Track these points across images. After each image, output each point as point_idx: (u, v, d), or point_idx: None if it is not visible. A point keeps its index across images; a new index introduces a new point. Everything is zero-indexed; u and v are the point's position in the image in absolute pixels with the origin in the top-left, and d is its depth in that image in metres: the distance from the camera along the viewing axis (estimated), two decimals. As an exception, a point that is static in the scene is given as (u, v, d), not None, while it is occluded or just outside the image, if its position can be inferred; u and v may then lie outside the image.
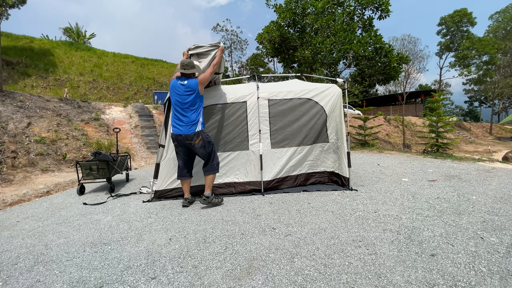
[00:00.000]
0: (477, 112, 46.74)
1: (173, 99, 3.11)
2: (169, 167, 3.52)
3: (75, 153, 6.55)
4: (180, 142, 3.11)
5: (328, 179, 3.98)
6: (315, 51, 10.29)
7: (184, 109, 3.06)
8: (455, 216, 2.55)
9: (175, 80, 3.13)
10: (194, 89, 3.06)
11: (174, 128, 3.10)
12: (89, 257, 2.01)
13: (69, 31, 26.21)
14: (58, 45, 20.42)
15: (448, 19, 29.86)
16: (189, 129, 3.04)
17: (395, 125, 18.35)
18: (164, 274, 1.75)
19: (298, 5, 11.25)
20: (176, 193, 3.51)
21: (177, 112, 3.09)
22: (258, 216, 2.77)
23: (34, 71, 15.10)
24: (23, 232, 2.59)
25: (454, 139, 9.70)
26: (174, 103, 3.10)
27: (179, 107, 3.07)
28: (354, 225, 2.42)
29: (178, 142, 3.12)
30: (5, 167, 4.95)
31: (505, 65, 28.34)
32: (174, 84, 3.12)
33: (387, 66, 10.94)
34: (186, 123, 3.05)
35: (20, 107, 6.98)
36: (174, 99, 3.10)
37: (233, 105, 3.69)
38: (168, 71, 24.27)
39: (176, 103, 3.09)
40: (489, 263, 1.72)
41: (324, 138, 3.91)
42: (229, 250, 2.05)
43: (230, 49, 22.90)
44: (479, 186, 3.62)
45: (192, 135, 3.05)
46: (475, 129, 26.39)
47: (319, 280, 1.62)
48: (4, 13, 8.52)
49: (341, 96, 3.95)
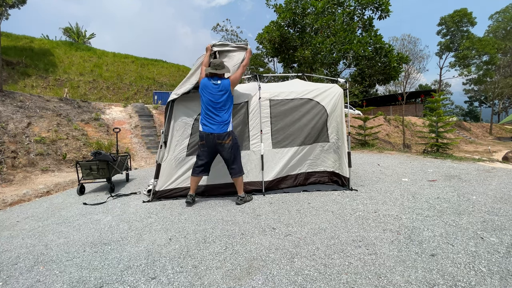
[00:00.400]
0: (477, 112, 46.75)
1: (205, 98, 3.11)
2: (170, 168, 3.52)
3: (75, 153, 6.55)
4: (210, 141, 3.11)
5: (328, 179, 3.97)
6: (315, 51, 10.29)
7: (217, 109, 3.11)
8: (455, 216, 2.55)
9: (207, 79, 3.15)
10: (227, 89, 3.14)
11: (205, 126, 3.11)
12: (89, 257, 2.01)
13: (69, 31, 26.21)
14: (58, 45, 20.42)
15: (448, 19, 29.86)
16: (221, 129, 3.09)
17: (395, 125, 18.36)
18: (164, 274, 1.75)
19: (298, 5, 11.25)
20: (177, 193, 3.51)
21: (209, 111, 3.10)
22: (258, 216, 2.77)
23: (34, 71, 15.10)
24: (23, 232, 2.60)
25: (454, 139, 9.70)
26: (206, 102, 3.11)
27: (212, 106, 3.10)
28: (354, 225, 2.42)
29: (207, 140, 3.12)
30: (5, 167, 4.95)
31: (505, 65, 28.34)
32: (206, 84, 3.12)
33: (387, 66, 10.93)
34: (219, 122, 3.10)
35: (20, 107, 6.98)
36: (207, 99, 3.11)
37: (234, 106, 3.69)
38: (168, 71, 24.27)
39: (208, 102, 3.10)
40: (489, 263, 1.72)
41: (325, 138, 3.90)
42: (229, 250, 2.05)
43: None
44: (479, 186, 3.62)
45: (224, 134, 3.10)
46: (475, 129, 26.39)
47: (319, 280, 1.63)
48: (4, 13, 8.51)
49: (342, 96, 3.95)
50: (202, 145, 3.17)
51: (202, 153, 3.20)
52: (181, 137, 3.57)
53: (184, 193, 3.51)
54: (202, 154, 3.20)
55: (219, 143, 3.11)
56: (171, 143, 3.55)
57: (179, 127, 3.58)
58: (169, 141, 3.55)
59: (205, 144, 3.14)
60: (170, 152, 3.53)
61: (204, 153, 3.19)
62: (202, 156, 3.20)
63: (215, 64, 3.16)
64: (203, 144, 3.16)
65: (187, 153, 3.55)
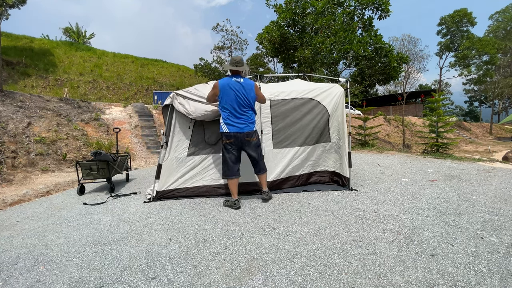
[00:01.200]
0: (477, 112, 46.75)
1: (230, 97, 3.05)
2: (171, 168, 3.52)
3: (75, 153, 6.55)
4: (239, 140, 3.09)
5: (329, 178, 3.97)
6: (315, 51, 10.29)
7: (244, 106, 3.10)
8: (455, 216, 2.55)
9: (228, 78, 3.10)
10: (253, 88, 3.15)
11: (233, 127, 3.06)
12: (89, 257, 2.01)
13: (69, 31, 26.23)
14: (58, 45, 20.43)
15: (448, 19, 29.86)
16: (249, 127, 3.11)
17: (395, 125, 18.36)
18: (164, 274, 1.75)
19: (298, 5, 11.24)
20: (178, 194, 3.51)
21: (235, 110, 3.07)
22: (258, 216, 2.77)
23: (34, 71, 15.11)
24: (23, 232, 2.60)
25: (454, 139, 9.70)
26: (232, 101, 3.05)
27: (238, 105, 3.07)
28: (354, 225, 2.42)
29: (236, 140, 3.09)
30: (5, 167, 4.95)
31: (505, 65, 28.34)
32: (229, 82, 3.06)
33: (387, 66, 10.93)
34: (246, 121, 3.10)
35: (20, 107, 6.98)
36: (232, 98, 3.05)
37: None
38: (168, 71, 24.29)
39: (234, 101, 3.05)
40: (489, 263, 1.72)
41: (326, 138, 3.90)
42: (229, 250, 2.05)
43: (230, 49, 22.91)
44: (479, 186, 3.62)
45: (252, 132, 3.13)
46: (475, 129, 26.40)
47: (319, 280, 1.63)
48: (4, 13, 8.51)
49: (343, 96, 3.95)
50: (230, 143, 3.11)
51: (231, 152, 3.14)
52: (182, 137, 3.57)
53: (186, 193, 3.51)
54: (231, 153, 3.14)
55: (248, 140, 3.12)
56: (172, 144, 3.54)
57: (180, 127, 3.58)
58: (170, 141, 3.55)
59: (233, 142, 3.10)
60: (171, 152, 3.53)
61: (234, 152, 3.15)
62: (231, 156, 3.14)
63: (236, 60, 3.10)
64: (231, 143, 3.11)
65: (188, 153, 3.55)
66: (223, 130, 3.10)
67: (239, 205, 3.09)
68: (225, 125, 3.09)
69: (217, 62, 21.90)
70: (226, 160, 3.15)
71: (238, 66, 3.10)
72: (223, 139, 3.14)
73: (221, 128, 3.12)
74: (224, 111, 3.10)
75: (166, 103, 3.60)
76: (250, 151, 3.18)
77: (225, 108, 3.09)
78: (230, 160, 3.13)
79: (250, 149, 3.17)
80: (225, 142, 3.12)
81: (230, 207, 3.08)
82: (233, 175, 3.14)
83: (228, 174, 3.14)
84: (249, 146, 3.16)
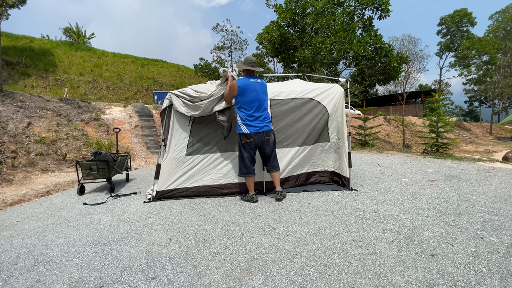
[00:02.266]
0: (477, 112, 46.74)
1: (249, 98, 3.09)
2: (170, 168, 3.51)
3: (75, 153, 6.55)
4: (258, 139, 3.14)
5: (329, 178, 3.97)
6: (315, 51, 10.29)
7: (263, 106, 3.18)
8: (455, 216, 2.55)
9: (246, 79, 3.14)
10: (266, 89, 3.25)
11: (252, 127, 3.11)
12: (89, 257, 2.01)
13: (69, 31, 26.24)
14: (58, 45, 20.43)
15: (448, 19, 29.84)
16: (268, 126, 3.20)
17: (395, 125, 18.35)
18: (164, 274, 1.75)
19: (298, 5, 11.25)
20: (178, 194, 3.51)
21: (254, 110, 3.12)
22: (258, 216, 2.77)
23: (34, 71, 15.11)
24: (23, 232, 2.60)
25: (454, 139, 9.70)
26: (252, 102, 3.10)
27: (257, 105, 3.13)
28: (354, 225, 2.42)
29: (255, 139, 3.14)
30: (5, 167, 4.95)
31: (505, 65, 28.32)
32: (248, 83, 3.10)
33: (387, 66, 10.93)
34: (264, 120, 3.17)
35: (20, 107, 6.98)
36: (251, 98, 3.09)
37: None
38: (168, 71, 24.28)
39: (254, 101, 3.10)
40: (489, 263, 1.72)
41: (325, 138, 3.90)
42: (229, 250, 2.05)
43: (230, 49, 22.91)
44: (479, 186, 3.62)
45: (270, 131, 3.20)
46: (475, 129, 26.39)
47: (319, 280, 1.63)
48: (4, 13, 8.51)
49: (343, 96, 3.95)
50: (249, 143, 3.15)
51: (249, 151, 3.20)
52: (180, 137, 3.57)
53: (185, 193, 3.51)
54: (249, 153, 3.21)
55: (267, 139, 3.18)
56: (171, 143, 3.54)
57: (178, 127, 3.58)
58: (169, 141, 3.55)
59: (252, 142, 3.15)
60: (170, 152, 3.53)
61: (251, 152, 3.22)
62: (248, 155, 3.21)
63: (252, 61, 3.16)
64: (250, 142, 3.15)
65: (186, 152, 3.55)
66: (242, 131, 3.14)
67: (257, 199, 3.26)
68: (245, 126, 3.13)
69: (217, 62, 21.90)
70: (244, 159, 3.22)
71: (254, 66, 3.15)
72: (242, 139, 3.18)
73: (240, 129, 3.16)
74: (242, 111, 3.14)
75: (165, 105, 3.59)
76: (267, 149, 3.25)
77: (244, 108, 3.12)
78: (248, 160, 3.22)
79: (267, 147, 3.24)
80: (244, 142, 3.17)
81: (249, 201, 3.24)
82: (251, 173, 3.26)
83: (246, 172, 3.25)
84: (267, 145, 3.22)
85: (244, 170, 3.25)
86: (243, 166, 3.25)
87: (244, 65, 3.17)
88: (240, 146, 3.25)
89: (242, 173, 3.28)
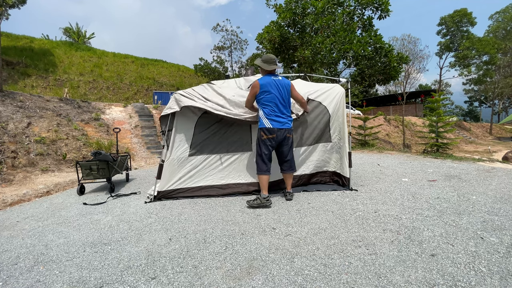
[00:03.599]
0: (477, 112, 46.76)
1: (272, 95, 3.11)
2: (172, 168, 3.51)
3: (75, 153, 6.55)
4: (280, 135, 3.15)
5: (329, 178, 3.97)
6: (315, 51, 10.29)
7: (285, 104, 3.19)
8: (455, 216, 2.55)
9: (268, 77, 3.16)
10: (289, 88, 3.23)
11: (276, 122, 3.12)
12: (89, 257, 2.01)
13: (69, 31, 26.24)
14: (58, 45, 20.43)
15: (448, 19, 29.85)
16: (289, 124, 3.21)
17: (395, 125, 18.36)
18: (164, 274, 1.75)
19: (298, 5, 11.25)
20: (179, 195, 3.51)
21: (277, 107, 3.14)
22: (258, 216, 2.77)
23: (34, 71, 15.11)
24: (23, 232, 2.60)
25: (454, 139, 9.70)
26: (275, 98, 3.12)
27: (280, 102, 3.15)
28: (354, 225, 2.42)
29: (278, 136, 3.14)
30: (5, 167, 4.95)
31: (505, 65, 28.33)
32: (269, 81, 3.12)
33: (387, 66, 10.93)
34: (287, 118, 3.20)
35: (20, 107, 6.98)
36: (275, 95, 3.12)
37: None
38: (168, 71, 24.29)
39: (277, 98, 3.13)
40: (489, 263, 1.72)
41: (327, 138, 3.90)
42: (229, 250, 2.05)
43: (230, 49, 22.91)
44: (479, 186, 3.62)
45: (290, 129, 3.23)
46: (475, 129, 26.39)
47: (319, 280, 1.62)
48: (4, 13, 8.52)
49: (344, 96, 3.95)
50: (271, 139, 3.13)
51: (269, 149, 3.18)
52: (184, 137, 3.56)
53: (187, 193, 3.51)
54: (268, 150, 3.18)
55: (288, 136, 3.19)
56: (174, 143, 3.54)
57: (182, 127, 3.57)
58: (172, 141, 3.54)
59: (274, 138, 3.14)
60: (173, 152, 3.53)
61: (270, 150, 3.20)
62: (268, 152, 3.19)
63: (272, 59, 3.16)
64: (272, 138, 3.13)
65: (189, 153, 3.55)
66: (266, 125, 3.12)
67: (271, 202, 3.08)
68: (268, 120, 3.13)
69: (217, 62, 21.91)
70: (262, 156, 3.17)
71: (274, 65, 3.17)
72: (263, 134, 3.15)
73: (263, 123, 3.14)
74: (265, 107, 3.14)
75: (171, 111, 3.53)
76: (285, 147, 3.24)
77: (267, 104, 3.13)
78: (266, 157, 3.18)
79: (286, 145, 3.23)
80: (266, 137, 3.14)
81: (264, 206, 3.02)
82: (268, 171, 3.18)
83: (264, 169, 3.16)
84: (286, 143, 3.22)
85: (263, 167, 3.16)
86: (261, 163, 3.16)
87: (268, 64, 3.15)
88: (259, 142, 3.19)
89: (260, 170, 3.17)
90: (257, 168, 3.23)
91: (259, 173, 3.21)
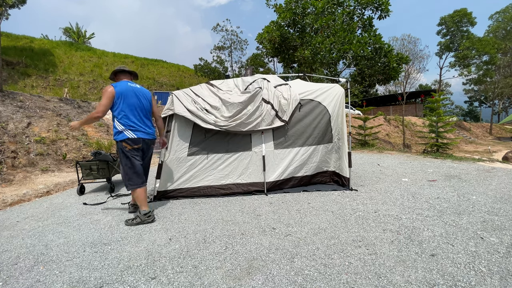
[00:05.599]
0: (477, 112, 46.76)
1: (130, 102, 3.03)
2: (172, 168, 3.52)
3: (75, 153, 6.55)
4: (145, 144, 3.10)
5: (329, 178, 3.98)
6: (315, 51, 10.29)
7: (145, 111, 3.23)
8: (455, 216, 2.55)
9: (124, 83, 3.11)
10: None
11: (140, 132, 2.96)
12: (89, 257, 2.01)
13: (69, 31, 26.23)
14: (58, 45, 20.43)
15: (448, 19, 29.83)
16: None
17: (395, 125, 18.35)
18: (164, 274, 1.75)
19: (298, 5, 11.24)
20: (179, 195, 3.51)
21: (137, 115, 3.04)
22: (258, 216, 2.76)
23: (34, 71, 15.10)
24: (23, 232, 2.59)
25: (454, 139, 9.69)
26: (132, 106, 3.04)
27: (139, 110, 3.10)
28: (354, 225, 2.42)
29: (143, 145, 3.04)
30: (5, 167, 4.95)
31: (505, 65, 28.31)
32: (128, 88, 3.06)
33: (386, 66, 10.94)
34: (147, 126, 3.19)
35: (20, 107, 6.98)
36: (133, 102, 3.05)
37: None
38: (168, 71, 24.27)
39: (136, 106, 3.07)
40: (489, 263, 1.72)
41: (329, 139, 3.90)
42: (229, 250, 2.05)
43: (230, 49, 22.90)
44: (479, 186, 3.62)
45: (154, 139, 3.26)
46: (475, 129, 26.39)
47: (319, 280, 1.62)
48: (4, 13, 8.52)
49: (344, 96, 3.94)
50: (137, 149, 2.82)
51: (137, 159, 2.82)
52: (182, 137, 3.57)
53: (186, 193, 3.51)
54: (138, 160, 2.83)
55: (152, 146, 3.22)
56: (172, 144, 3.54)
57: (180, 127, 3.58)
58: (170, 141, 3.55)
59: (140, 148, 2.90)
60: (172, 152, 3.53)
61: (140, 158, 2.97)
62: (138, 163, 2.91)
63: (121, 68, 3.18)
64: (138, 148, 2.84)
65: (188, 153, 3.55)
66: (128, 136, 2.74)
67: (153, 216, 2.70)
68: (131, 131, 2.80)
69: (217, 62, 21.90)
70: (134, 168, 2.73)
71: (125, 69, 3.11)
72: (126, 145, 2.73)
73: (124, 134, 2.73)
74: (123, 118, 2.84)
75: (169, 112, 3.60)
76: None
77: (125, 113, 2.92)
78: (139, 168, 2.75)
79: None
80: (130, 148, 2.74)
81: (143, 223, 2.59)
82: (144, 183, 2.76)
83: (139, 182, 2.70)
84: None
85: (139, 181, 2.69)
86: (136, 177, 2.68)
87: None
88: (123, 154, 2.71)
89: (136, 184, 2.66)
90: (129, 183, 2.67)
91: (132, 188, 2.67)
